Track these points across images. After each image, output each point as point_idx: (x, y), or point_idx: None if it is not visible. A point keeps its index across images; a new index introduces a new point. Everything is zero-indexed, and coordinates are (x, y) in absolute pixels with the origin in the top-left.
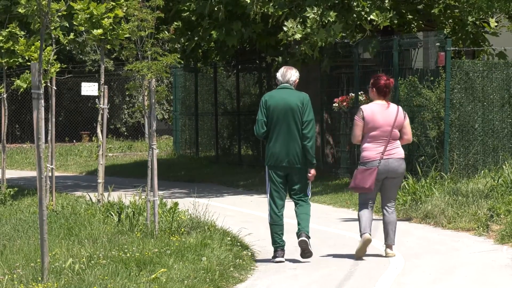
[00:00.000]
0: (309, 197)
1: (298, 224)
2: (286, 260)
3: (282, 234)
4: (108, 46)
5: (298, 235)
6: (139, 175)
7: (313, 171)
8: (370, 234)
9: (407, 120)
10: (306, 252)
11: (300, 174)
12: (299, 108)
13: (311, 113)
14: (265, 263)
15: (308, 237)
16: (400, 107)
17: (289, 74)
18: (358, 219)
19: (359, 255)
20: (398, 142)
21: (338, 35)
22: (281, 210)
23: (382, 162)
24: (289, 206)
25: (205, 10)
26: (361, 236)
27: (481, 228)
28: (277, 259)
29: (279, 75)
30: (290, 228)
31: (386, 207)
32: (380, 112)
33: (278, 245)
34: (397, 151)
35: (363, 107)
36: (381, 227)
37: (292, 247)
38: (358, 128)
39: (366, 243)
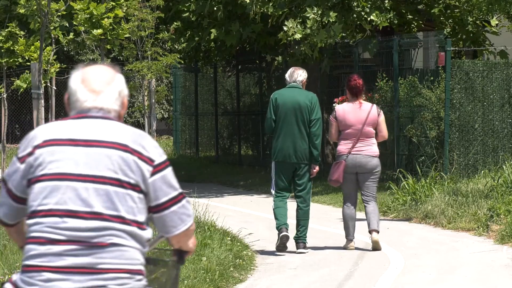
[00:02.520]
0: (310, 194)
1: (297, 230)
2: (286, 259)
3: (286, 216)
4: (108, 46)
5: (296, 243)
6: None
7: (317, 168)
8: (353, 241)
9: (382, 118)
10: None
11: (305, 170)
12: (308, 107)
13: (318, 111)
14: (265, 263)
15: (305, 247)
16: (374, 106)
17: (296, 74)
18: (342, 219)
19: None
20: (372, 140)
21: (338, 36)
22: (284, 198)
23: (349, 156)
24: (290, 206)
25: (205, 10)
26: (346, 238)
27: (481, 228)
28: (282, 233)
29: (287, 75)
30: (290, 228)
31: (365, 201)
32: (352, 111)
33: (282, 224)
34: (368, 149)
35: (337, 107)
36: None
37: (292, 247)
38: (332, 127)
39: (350, 249)
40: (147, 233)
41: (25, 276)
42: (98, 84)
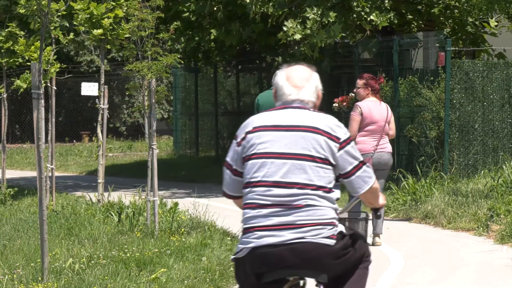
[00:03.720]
0: None
1: None
2: None
3: None
4: (108, 46)
5: None
6: (139, 175)
7: None
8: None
9: (393, 117)
10: None
11: None
12: None
13: None
14: None
15: None
16: (387, 105)
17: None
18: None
19: None
20: (387, 137)
21: (337, 36)
22: None
23: (375, 154)
24: None
25: (205, 10)
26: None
27: (481, 228)
28: None
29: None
30: None
31: None
32: (376, 108)
33: None
34: (388, 146)
35: (360, 103)
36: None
37: None
38: (355, 123)
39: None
40: (335, 195)
41: (243, 238)
42: (300, 81)
